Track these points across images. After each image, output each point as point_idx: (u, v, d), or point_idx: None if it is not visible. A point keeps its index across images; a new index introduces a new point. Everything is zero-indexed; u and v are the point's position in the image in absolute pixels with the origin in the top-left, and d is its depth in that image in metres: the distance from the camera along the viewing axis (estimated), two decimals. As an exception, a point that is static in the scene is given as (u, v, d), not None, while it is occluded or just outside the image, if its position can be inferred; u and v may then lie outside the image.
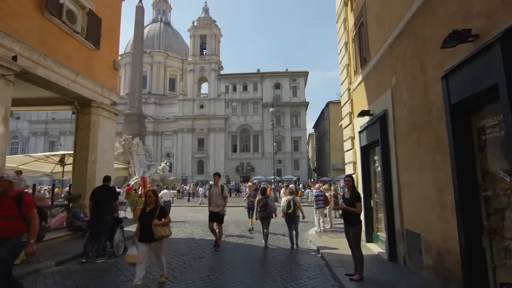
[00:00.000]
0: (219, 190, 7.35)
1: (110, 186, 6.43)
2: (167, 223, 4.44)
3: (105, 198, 6.05)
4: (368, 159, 7.02)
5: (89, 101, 8.54)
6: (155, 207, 4.44)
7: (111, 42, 9.59)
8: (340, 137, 42.96)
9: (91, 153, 8.50)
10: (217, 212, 7.26)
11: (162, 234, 4.31)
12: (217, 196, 7.35)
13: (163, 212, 4.50)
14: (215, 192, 7.37)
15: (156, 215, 4.33)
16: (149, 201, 4.46)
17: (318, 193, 10.47)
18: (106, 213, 5.83)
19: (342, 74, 8.85)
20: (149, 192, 4.59)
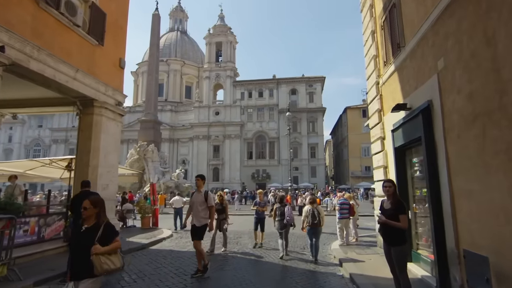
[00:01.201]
0: (202, 198, 5.72)
1: (90, 191, 5.57)
2: (114, 249, 2.85)
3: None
4: (404, 162, 5.95)
5: (92, 101, 7.93)
6: (96, 226, 2.88)
7: (117, 39, 9.03)
8: (358, 144, 41.47)
9: (92, 157, 7.85)
10: (199, 227, 5.64)
11: (108, 268, 2.73)
12: (199, 206, 5.70)
13: (110, 232, 2.92)
14: (197, 200, 5.74)
15: (97, 238, 2.78)
16: (85, 215, 2.94)
17: (342, 201, 9.43)
18: None
19: (369, 67, 7.85)
20: (85, 203, 2.95)
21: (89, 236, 2.81)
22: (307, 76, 59.57)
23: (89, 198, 3.03)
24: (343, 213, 9.16)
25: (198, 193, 5.83)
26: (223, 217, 8.05)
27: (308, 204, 7.90)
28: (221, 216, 7.95)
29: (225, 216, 8.12)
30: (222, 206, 8.04)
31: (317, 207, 7.61)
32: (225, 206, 8.19)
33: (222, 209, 8.02)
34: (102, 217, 2.98)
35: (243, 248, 8.40)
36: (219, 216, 7.85)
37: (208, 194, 5.85)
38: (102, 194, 8.06)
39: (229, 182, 54.41)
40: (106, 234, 2.87)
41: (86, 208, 2.92)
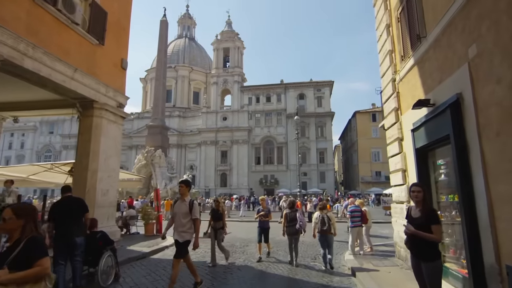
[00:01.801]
0: (186, 208, 4.71)
1: (74, 196, 5.11)
2: (29, 276, 1.90)
3: (70, 213, 4.57)
4: (426, 164, 5.38)
5: (91, 102, 7.62)
6: (17, 243, 2.01)
7: (119, 39, 8.75)
8: (368, 149, 40.49)
9: (92, 160, 7.50)
10: (181, 244, 4.71)
11: None
12: (182, 218, 4.72)
13: (32, 251, 1.99)
14: (180, 211, 4.77)
15: (8, 260, 1.93)
16: (4, 229, 2.12)
17: (353, 209, 8.83)
18: (74, 232, 4.52)
19: (383, 64, 7.33)
20: (6, 212, 2.05)
21: (4, 256, 1.97)
22: (315, 81, 59.04)
23: (11, 206, 2.13)
24: (354, 221, 8.59)
25: (182, 202, 4.82)
26: (220, 226, 7.17)
27: (319, 209, 7.43)
28: (217, 224, 7.14)
29: (222, 225, 7.24)
30: (219, 213, 7.24)
31: (328, 214, 7.20)
32: (222, 213, 7.33)
33: (219, 216, 7.21)
34: (27, 231, 2.03)
35: (249, 258, 7.87)
36: (215, 225, 7.11)
37: (194, 204, 4.77)
38: (102, 199, 7.71)
39: (237, 188, 53.91)
40: (26, 253, 1.95)
41: (5, 220, 2.01)
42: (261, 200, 8.53)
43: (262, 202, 8.36)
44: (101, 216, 7.60)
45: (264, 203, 8.24)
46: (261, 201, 8.46)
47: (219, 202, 7.58)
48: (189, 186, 5.08)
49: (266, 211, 7.93)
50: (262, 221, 7.82)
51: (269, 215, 7.90)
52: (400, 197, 6.44)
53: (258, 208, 8.28)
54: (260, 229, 7.84)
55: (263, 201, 8.36)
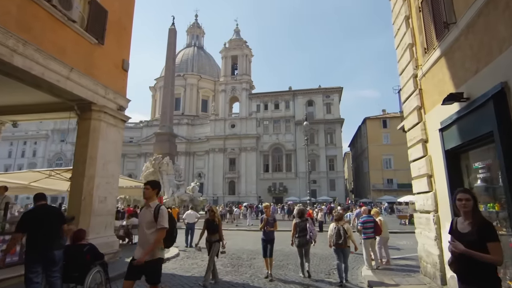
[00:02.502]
0: (151, 216, 3.70)
1: (49, 205, 4.57)
2: None
3: (46, 224, 3.99)
4: (458, 168, 4.71)
5: (89, 104, 7.20)
6: None
7: (121, 39, 8.38)
8: (379, 156, 39.27)
9: (89, 165, 7.04)
10: (147, 263, 3.56)
11: None
12: (146, 228, 3.72)
13: None
14: (144, 220, 3.79)
15: None
16: None
17: (365, 219, 8.12)
18: (52, 245, 3.98)
19: (402, 59, 6.72)
20: None
21: None
22: (324, 87, 58.43)
23: None
24: (367, 232, 7.91)
25: (147, 209, 3.82)
26: (216, 239, 6.27)
27: (335, 220, 6.85)
28: (213, 237, 6.27)
29: (219, 238, 6.33)
30: (214, 223, 6.37)
31: (344, 225, 6.62)
32: (219, 224, 6.43)
33: (215, 227, 6.34)
34: None
35: (256, 274, 7.20)
36: (210, 237, 6.27)
37: (161, 210, 3.72)
38: (99, 207, 7.21)
39: (245, 196, 53.19)
40: None
41: None
42: (265, 208, 7.46)
43: (266, 210, 7.33)
44: (98, 225, 7.11)
45: (268, 211, 7.24)
46: (265, 209, 7.41)
47: (214, 211, 6.62)
48: (157, 188, 3.97)
49: (271, 220, 7.04)
50: (267, 232, 6.90)
51: (274, 225, 7.04)
52: (425, 206, 5.74)
53: (262, 216, 7.29)
54: (264, 241, 6.94)
55: (268, 209, 7.34)
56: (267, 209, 7.32)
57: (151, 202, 3.84)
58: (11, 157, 71.99)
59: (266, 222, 6.97)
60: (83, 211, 6.80)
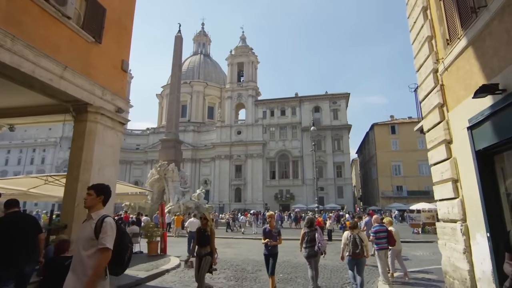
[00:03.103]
0: (91, 231, 2.79)
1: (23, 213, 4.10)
2: None
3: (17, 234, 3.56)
4: (492, 171, 4.13)
5: (85, 105, 6.81)
6: None
7: (120, 39, 8.05)
8: (388, 162, 38.44)
9: (83, 170, 6.61)
10: None
11: None
12: (83, 247, 2.80)
13: None
14: (82, 236, 2.89)
15: None
16: None
17: (378, 228, 7.53)
18: (22, 258, 3.48)
19: (419, 54, 6.19)
20: None
21: None
22: (330, 93, 57.93)
23: None
24: (380, 243, 7.36)
25: (88, 222, 2.92)
26: (207, 252, 5.46)
27: (349, 229, 6.45)
28: (203, 250, 5.47)
29: (211, 251, 5.54)
30: (206, 234, 5.59)
31: (360, 234, 6.30)
32: (211, 235, 5.65)
33: (206, 239, 5.53)
34: None
35: None
36: (200, 250, 5.45)
37: (105, 224, 2.80)
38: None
39: (252, 203, 52.49)
40: None
41: None
42: (269, 217, 6.53)
43: (270, 220, 6.43)
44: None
45: (273, 222, 6.38)
46: (269, 219, 6.48)
47: (206, 219, 5.75)
48: (103, 194, 3.04)
49: (275, 232, 6.24)
50: (270, 247, 6.12)
51: (279, 239, 6.23)
52: (450, 215, 5.14)
53: (265, 227, 6.37)
54: (266, 257, 6.19)
55: (272, 219, 6.44)
56: (271, 219, 6.42)
57: (93, 213, 2.91)
58: (20, 164, 72.87)
59: (270, 235, 6.16)
60: (77, 219, 6.33)
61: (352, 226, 6.64)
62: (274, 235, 6.17)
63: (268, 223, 6.45)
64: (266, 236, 6.21)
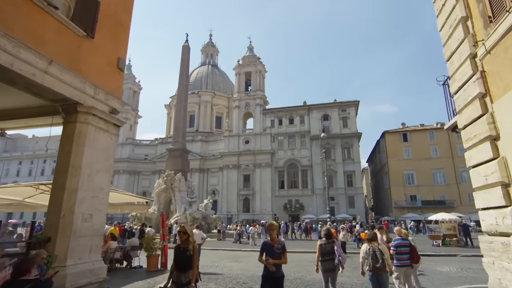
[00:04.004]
0: None
1: None
2: None
3: None
4: None
5: (75, 105, 6.19)
6: None
7: (116, 35, 7.49)
8: (400, 171, 37.02)
9: (71, 176, 5.94)
10: None
11: None
12: None
13: None
14: None
15: None
16: None
17: (399, 242, 6.61)
18: None
19: (451, 40, 5.39)
20: None
21: None
22: (339, 101, 57.07)
23: None
24: (401, 259, 6.45)
25: None
26: (188, 280, 4.07)
27: (368, 241, 5.81)
28: (183, 276, 4.08)
29: (194, 277, 4.12)
30: (187, 253, 4.18)
31: (380, 246, 5.64)
32: (194, 255, 4.22)
33: (187, 260, 4.15)
34: None
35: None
36: (179, 277, 4.08)
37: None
38: (82, 226, 6.00)
39: (260, 213, 51.31)
40: None
41: None
42: (269, 229, 4.85)
43: (271, 231, 4.80)
44: (80, 249, 5.90)
45: (274, 234, 4.77)
46: (269, 230, 4.83)
47: (187, 234, 4.31)
48: None
49: (277, 248, 4.66)
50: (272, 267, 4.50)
51: (283, 256, 4.65)
52: (500, 227, 4.22)
53: (265, 240, 4.90)
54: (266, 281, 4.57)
55: (273, 231, 4.78)
56: (273, 231, 4.78)
57: None
58: (31, 175, 73.57)
59: (271, 252, 4.63)
60: (62, 231, 5.64)
61: (370, 238, 5.92)
62: (276, 251, 4.61)
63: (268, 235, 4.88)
64: (265, 252, 4.69)
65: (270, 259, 4.53)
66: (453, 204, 44.93)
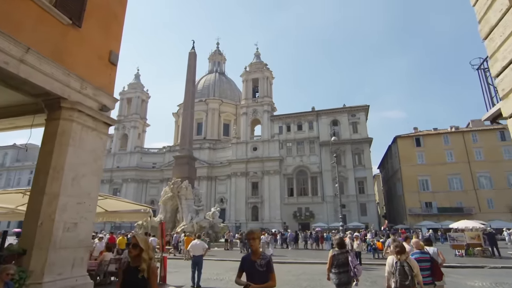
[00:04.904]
0: None
1: None
2: None
3: None
4: None
5: (58, 100, 5.54)
6: None
7: (108, 27, 6.90)
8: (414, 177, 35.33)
9: (52, 179, 5.25)
10: None
11: None
12: None
13: None
14: None
15: None
16: None
17: (419, 256, 5.61)
18: None
19: (489, 13, 4.52)
20: None
21: None
22: (349, 106, 55.96)
23: None
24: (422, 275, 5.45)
25: None
26: None
27: (394, 253, 4.98)
28: None
29: None
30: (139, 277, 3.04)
31: (408, 259, 4.89)
32: (151, 277, 3.13)
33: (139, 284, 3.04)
34: None
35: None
36: None
37: None
38: (65, 236, 5.23)
39: (269, 222, 50.10)
40: None
41: None
42: (249, 237, 3.67)
43: (252, 241, 3.62)
44: (61, 262, 5.16)
45: (256, 245, 3.64)
46: (250, 241, 3.64)
47: (140, 249, 3.13)
48: None
49: (260, 265, 3.49)
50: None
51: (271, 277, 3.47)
52: None
53: (246, 255, 3.82)
54: None
55: (255, 240, 3.62)
56: (254, 241, 3.59)
57: None
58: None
59: (251, 270, 3.50)
60: (39, 243, 4.92)
61: (399, 250, 4.99)
62: (259, 270, 3.44)
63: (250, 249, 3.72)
64: (245, 271, 3.58)
65: (251, 285, 3.30)
66: (471, 211, 42.96)
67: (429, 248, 6.57)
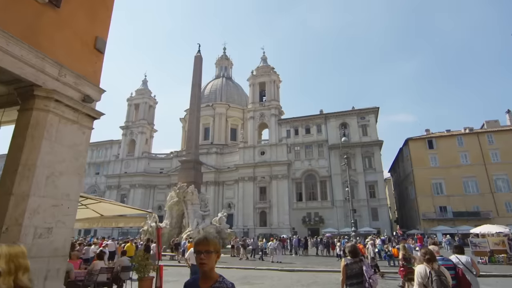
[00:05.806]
0: None
1: None
2: None
3: None
4: None
5: (31, 87, 4.86)
6: None
7: (94, 12, 6.25)
8: (427, 180, 33.58)
9: (21, 177, 4.55)
10: None
11: None
12: None
13: None
14: None
15: None
16: None
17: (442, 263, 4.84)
18: None
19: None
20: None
21: None
22: (358, 109, 54.79)
23: None
24: None
25: None
26: None
27: (423, 261, 4.22)
28: None
29: None
30: None
31: (442, 268, 4.21)
32: None
33: None
34: None
35: None
36: None
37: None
38: (36, 243, 4.48)
39: (278, 227, 48.98)
40: None
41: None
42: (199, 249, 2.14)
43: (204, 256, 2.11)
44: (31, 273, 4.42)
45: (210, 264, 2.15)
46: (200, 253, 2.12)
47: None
48: None
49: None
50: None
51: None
52: None
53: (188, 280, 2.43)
54: None
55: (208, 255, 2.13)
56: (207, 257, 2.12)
57: None
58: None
59: None
60: (3, 251, 4.18)
61: (430, 257, 4.19)
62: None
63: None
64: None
65: None
66: (488, 215, 41.08)
67: (461, 256, 5.64)
